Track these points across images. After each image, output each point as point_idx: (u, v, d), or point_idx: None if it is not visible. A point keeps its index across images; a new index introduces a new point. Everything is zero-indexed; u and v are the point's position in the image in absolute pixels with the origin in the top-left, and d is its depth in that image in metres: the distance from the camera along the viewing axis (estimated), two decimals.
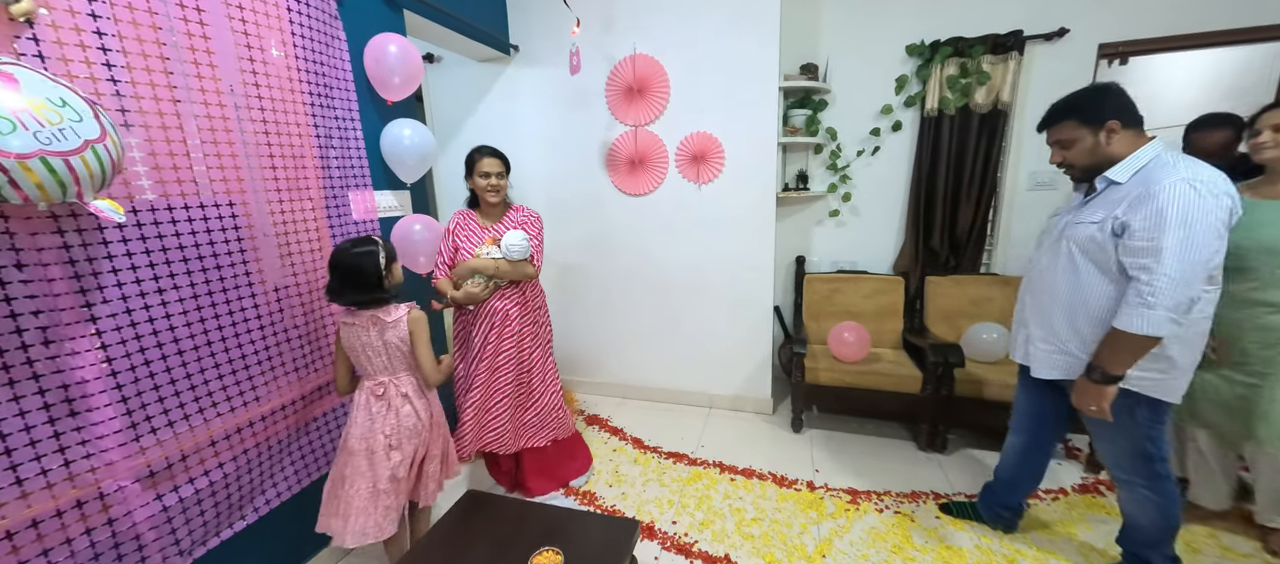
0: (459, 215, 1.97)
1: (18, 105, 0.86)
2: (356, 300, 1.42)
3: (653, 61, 2.57)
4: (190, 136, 1.29)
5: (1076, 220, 1.32)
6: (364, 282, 1.39)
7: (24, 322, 1.00)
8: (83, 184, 0.94)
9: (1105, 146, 1.25)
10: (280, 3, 1.51)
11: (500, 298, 1.92)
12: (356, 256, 1.39)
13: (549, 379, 2.08)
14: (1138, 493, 1.40)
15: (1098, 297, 1.27)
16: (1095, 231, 1.25)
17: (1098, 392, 1.26)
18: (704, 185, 2.65)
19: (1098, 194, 1.30)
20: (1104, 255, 1.24)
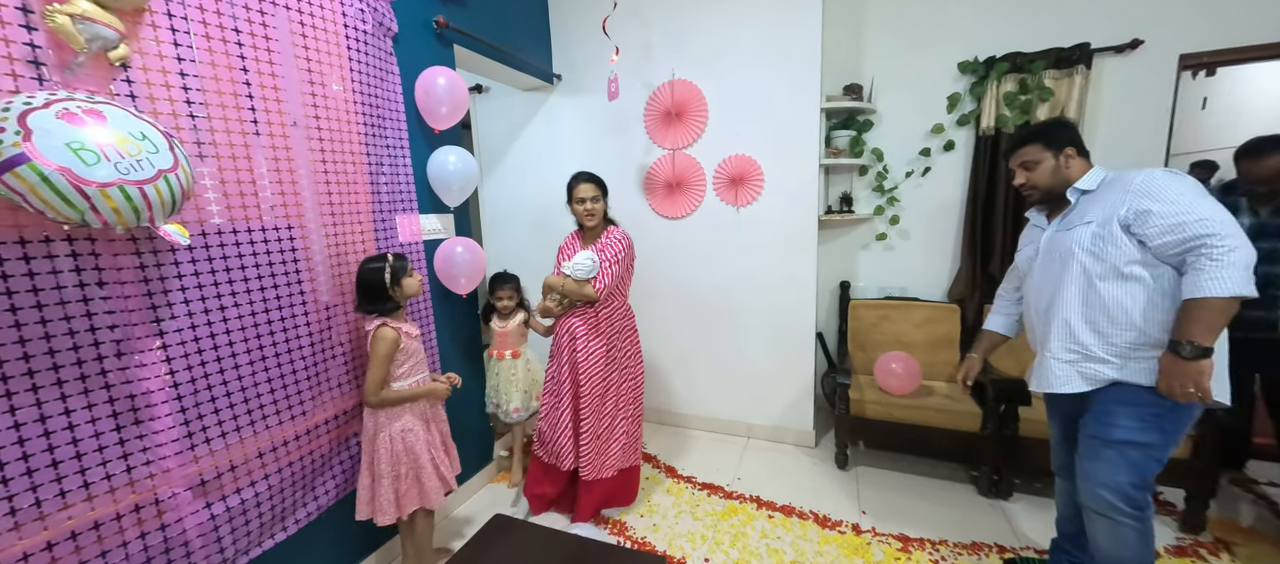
0: (568, 237, 2.12)
1: (104, 139, 0.95)
2: (369, 309, 1.58)
3: (691, 86, 2.59)
4: (257, 166, 1.39)
5: (1063, 231, 1.37)
6: (372, 292, 1.57)
7: (101, 335, 1.08)
8: (154, 209, 1.02)
9: (1064, 169, 1.37)
10: (342, 42, 1.62)
11: (572, 316, 2.02)
12: (367, 271, 1.57)
13: (621, 406, 2.08)
14: (1122, 527, 1.29)
15: (1114, 295, 1.26)
16: (1096, 228, 1.27)
17: (1195, 369, 1.14)
18: (742, 208, 2.60)
19: (1073, 206, 1.37)
20: (1114, 250, 1.24)
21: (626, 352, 2.08)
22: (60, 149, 0.90)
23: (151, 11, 1.17)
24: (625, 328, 2.08)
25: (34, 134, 0.88)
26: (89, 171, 0.92)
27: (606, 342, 2.01)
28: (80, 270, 1.06)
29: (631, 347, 2.11)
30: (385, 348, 1.55)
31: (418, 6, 1.95)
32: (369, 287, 1.57)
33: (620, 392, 2.08)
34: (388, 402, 1.59)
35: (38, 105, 0.91)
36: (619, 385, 2.07)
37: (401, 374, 1.62)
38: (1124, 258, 1.23)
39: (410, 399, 1.63)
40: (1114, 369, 1.27)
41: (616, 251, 1.97)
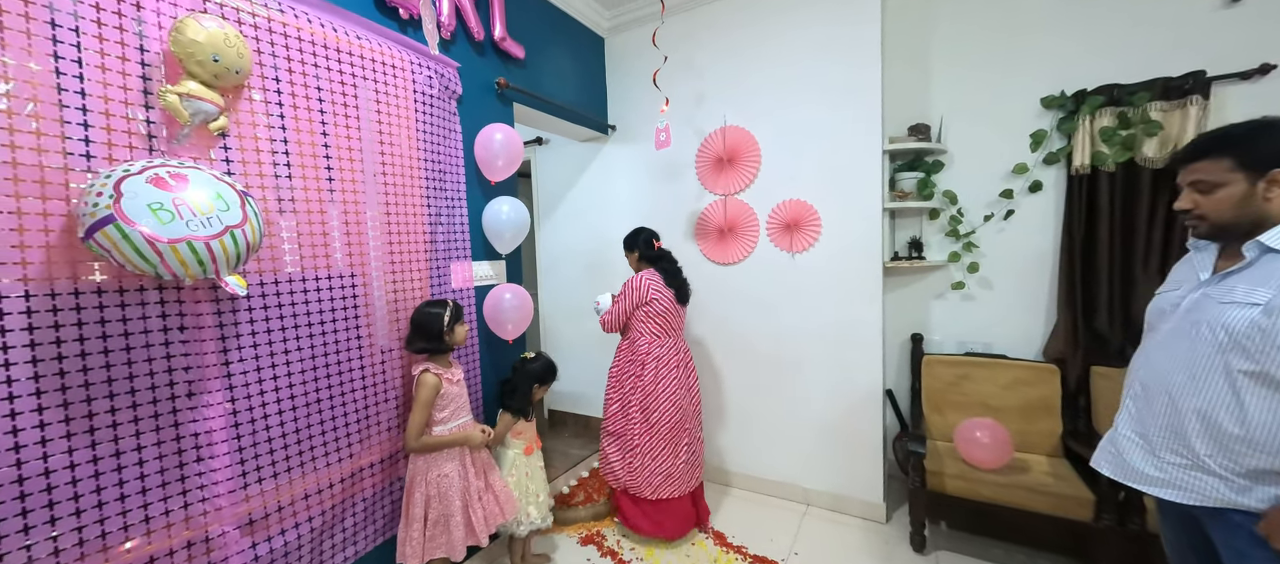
0: None
1: (182, 199, 1.06)
2: (420, 348, 1.65)
3: (743, 132, 2.55)
4: (330, 220, 1.51)
5: (1219, 298, 0.99)
6: (427, 332, 1.65)
7: (177, 376, 1.18)
8: (219, 263, 1.11)
9: (1262, 201, 0.96)
10: (411, 106, 1.76)
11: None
12: (426, 313, 1.66)
13: (654, 435, 2.17)
14: None
15: (1262, 409, 0.92)
16: (1259, 316, 0.91)
17: None
18: (798, 254, 2.47)
19: (1246, 264, 0.97)
20: (1271, 349, 0.90)
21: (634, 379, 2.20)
22: (143, 210, 1.00)
23: (249, 87, 1.32)
24: (632, 359, 2.20)
25: (123, 197, 0.99)
26: (163, 229, 1.02)
27: (622, 371, 2.23)
28: (165, 316, 1.17)
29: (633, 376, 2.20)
30: (427, 394, 1.59)
31: (482, 69, 2.09)
32: (426, 328, 1.65)
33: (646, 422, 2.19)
34: (426, 447, 1.61)
35: (134, 172, 1.03)
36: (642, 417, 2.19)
37: (443, 419, 1.64)
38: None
39: (447, 445, 1.64)
40: (1231, 490, 0.97)
41: (624, 290, 2.22)
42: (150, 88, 1.15)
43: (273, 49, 1.37)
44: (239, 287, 1.16)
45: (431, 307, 1.68)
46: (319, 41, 1.47)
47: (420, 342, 1.65)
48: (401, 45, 1.72)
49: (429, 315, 1.66)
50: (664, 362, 2.15)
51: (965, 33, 2.41)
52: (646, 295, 2.13)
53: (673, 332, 2.20)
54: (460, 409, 1.70)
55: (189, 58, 1.15)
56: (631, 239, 2.30)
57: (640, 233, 2.29)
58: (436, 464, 1.62)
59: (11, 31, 0.97)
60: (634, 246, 2.28)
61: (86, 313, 1.05)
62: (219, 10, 1.27)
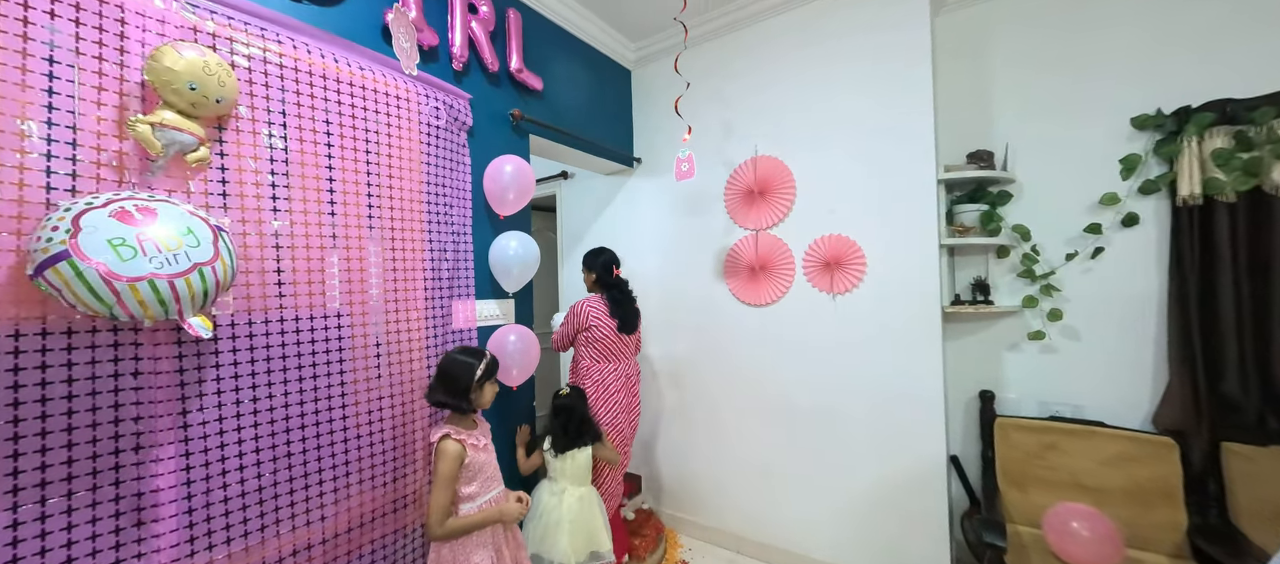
0: None
1: (148, 234, 0.96)
2: (440, 401, 1.46)
3: (775, 162, 2.35)
4: (314, 255, 1.41)
5: None
6: (453, 386, 1.45)
7: (124, 427, 1.07)
8: (184, 302, 1.00)
9: None
10: (418, 136, 1.68)
11: None
12: (456, 362, 1.47)
13: None
14: None
15: None
16: None
17: None
18: (839, 296, 2.19)
19: None
20: None
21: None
22: (102, 245, 0.91)
23: (238, 116, 1.26)
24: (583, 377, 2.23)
25: (82, 232, 0.91)
26: (123, 266, 0.92)
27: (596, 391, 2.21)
28: (118, 360, 1.07)
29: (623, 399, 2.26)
30: (449, 466, 1.36)
31: (497, 100, 2.02)
32: (453, 380, 1.44)
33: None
34: (452, 533, 1.36)
35: (98, 205, 0.95)
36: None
37: (471, 494, 1.42)
38: None
39: (479, 526, 1.40)
40: None
41: (567, 315, 2.30)
42: (124, 116, 1.08)
43: (267, 79, 1.31)
44: (204, 328, 1.05)
45: (464, 354, 1.48)
46: (317, 72, 1.41)
47: (442, 395, 1.44)
48: (409, 76, 1.66)
49: (459, 364, 1.45)
50: (605, 384, 2.20)
51: (1033, 46, 2.13)
52: (586, 321, 2.20)
53: (615, 356, 2.23)
54: (491, 479, 1.47)
55: (165, 86, 1.09)
56: (591, 259, 2.30)
57: (601, 254, 2.29)
58: (464, 553, 1.38)
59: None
60: (593, 268, 2.29)
61: (25, 357, 0.95)
62: (211, 41, 1.22)
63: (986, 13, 2.21)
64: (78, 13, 1.04)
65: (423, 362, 1.66)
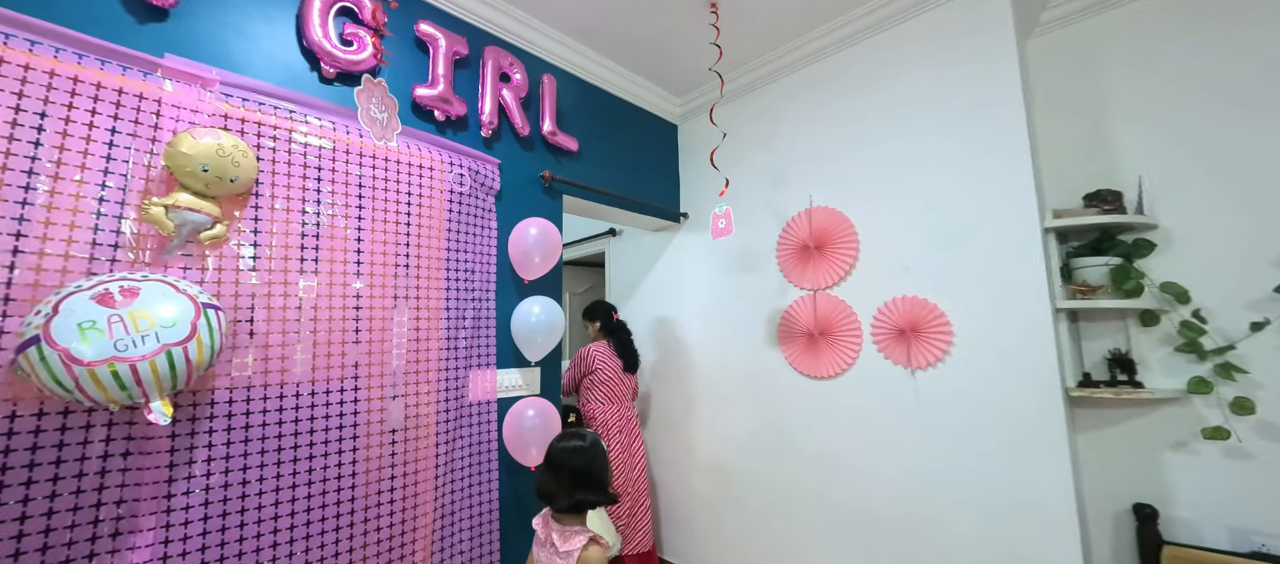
0: None
1: (119, 315, 0.96)
2: (588, 503, 1.21)
3: (833, 213, 2.06)
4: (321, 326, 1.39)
5: None
6: (595, 482, 1.20)
7: (105, 511, 1.04)
8: (147, 386, 0.97)
9: None
10: (443, 203, 1.67)
11: None
12: (583, 454, 1.22)
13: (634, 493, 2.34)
14: None
15: None
16: None
17: None
18: (919, 371, 1.79)
19: None
20: None
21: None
22: (71, 330, 0.91)
23: (257, 193, 1.30)
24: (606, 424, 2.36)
25: (58, 316, 0.91)
26: (86, 350, 0.91)
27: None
28: (110, 439, 1.06)
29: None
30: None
31: (528, 163, 1.99)
32: (591, 477, 1.20)
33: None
34: None
35: (86, 287, 0.97)
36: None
37: None
38: None
39: None
40: None
41: (572, 361, 2.47)
42: (128, 200, 1.13)
43: (290, 156, 1.36)
44: (163, 415, 1.01)
45: (576, 442, 1.25)
46: (340, 146, 1.44)
47: (588, 493, 1.19)
48: (435, 145, 1.67)
49: (586, 456, 1.21)
50: (609, 425, 2.35)
51: (1175, 58, 1.70)
52: (593, 365, 2.39)
53: (618, 399, 2.41)
54: None
55: (179, 169, 1.13)
56: (592, 311, 2.57)
57: (600, 305, 2.58)
58: None
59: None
60: (596, 317, 2.55)
61: (18, 438, 0.96)
62: (240, 125, 1.28)
63: (1096, 28, 1.83)
64: (117, 109, 1.13)
65: (430, 438, 1.56)
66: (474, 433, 1.70)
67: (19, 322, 0.98)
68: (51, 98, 1.05)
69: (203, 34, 1.28)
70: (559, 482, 1.21)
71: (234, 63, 1.32)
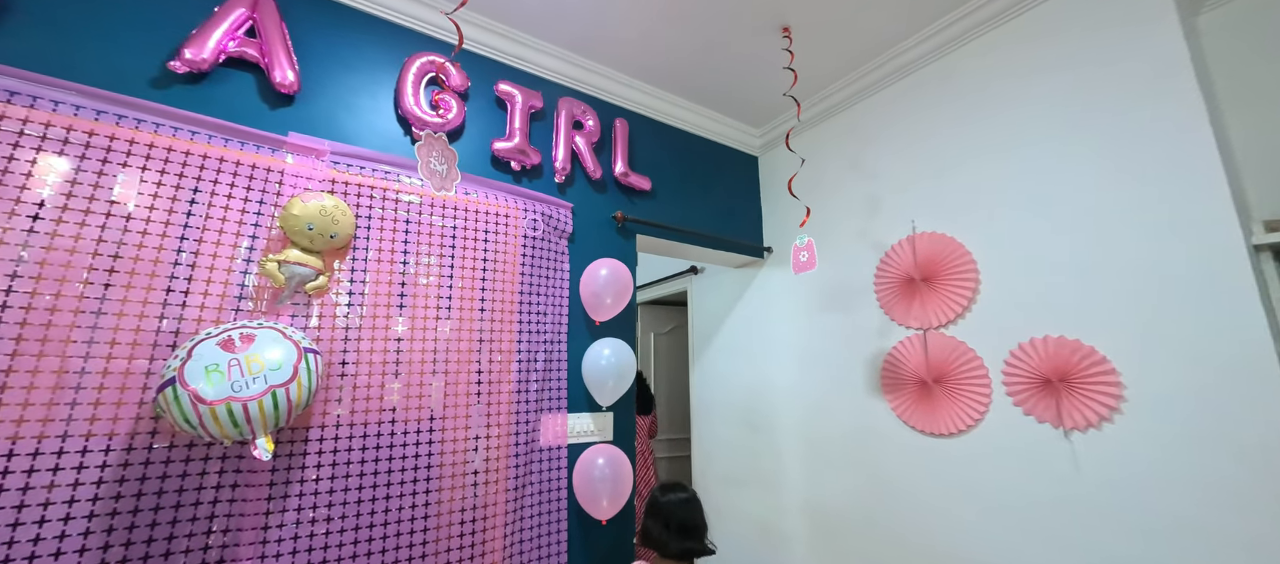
0: None
1: (237, 359, 1.07)
2: (704, 552, 1.44)
3: (943, 240, 1.77)
4: (431, 373, 1.48)
5: None
6: (695, 531, 1.43)
7: (214, 538, 1.15)
8: (254, 424, 1.07)
9: None
10: (517, 249, 1.72)
11: None
12: (682, 504, 1.46)
13: None
14: None
15: None
16: None
17: None
18: (1077, 433, 1.41)
19: None
20: None
21: None
22: (199, 372, 1.04)
23: (354, 247, 1.43)
24: None
25: (191, 360, 1.05)
26: (209, 390, 1.03)
27: None
28: (222, 472, 1.18)
29: None
30: None
31: (601, 205, 2.00)
32: (697, 529, 1.43)
33: None
34: None
35: (214, 335, 1.11)
36: None
37: None
38: None
39: None
40: None
41: None
42: (253, 256, 1.29)
43: (383, 212, 1.49)
44: (266, 450, 1.10)
45: (681, 491, 1.48)
46: (427, 200, 1.56)
47: (693, 542, 1.41)
48: (510, 194, 1.75)
49: (686, 507, 1.44)
50: None
51: None
52: None
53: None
54: None
55: (290, 229, 1.29)
56: None
57: None
58: None
59: (140, 208, 1.20)
60: None
61: (153, 467, 1.11)
62: (344, 187, 1.44)
63: None
64: (249, 181, 1.32)
65: (501, 482, 1.55)
66: (544, 479, 1.66)
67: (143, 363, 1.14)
68: (203, 175, 1.27)
69: (318, 112, 1.48)
70: (669, 531, 1.41)
71: (342, 134, 1.50)
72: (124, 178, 1.18)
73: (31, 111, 1.10)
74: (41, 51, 1.15)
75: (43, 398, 1.03)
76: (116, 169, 1.17)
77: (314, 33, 1.51)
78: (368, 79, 1.58)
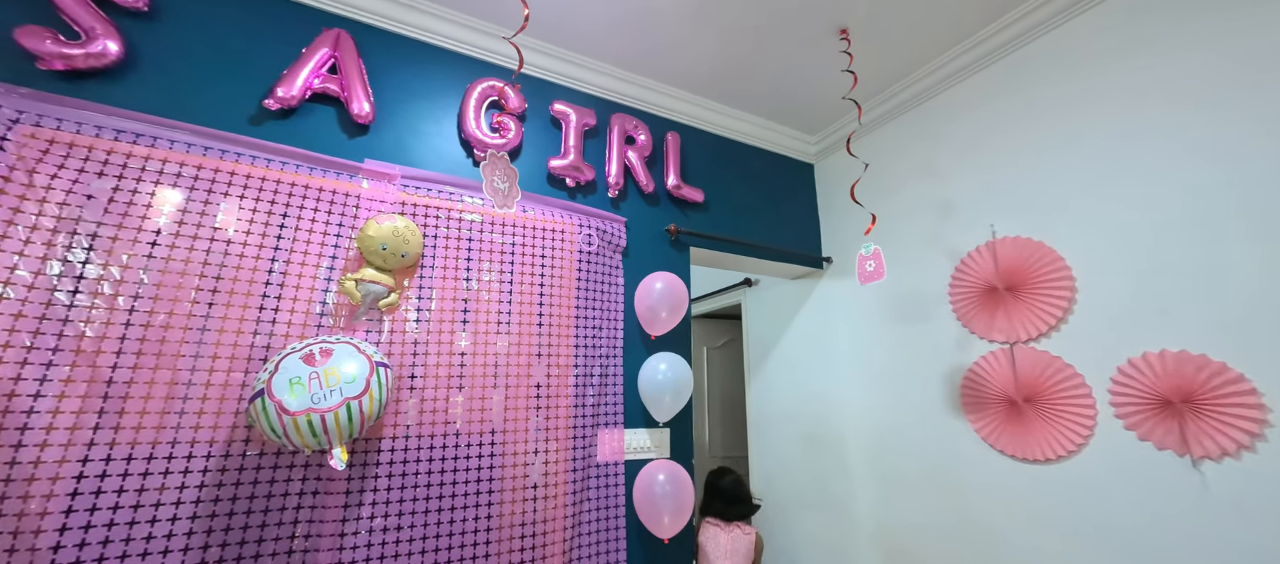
0: None
1: (316, 373, 1.14)
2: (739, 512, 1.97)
3: (1029, 244, 1.62)
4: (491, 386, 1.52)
5: None
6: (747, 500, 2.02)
7: (296, 543, 1.21)
8: (331, 434, 1.12)
9: None
10: (573, 264, 1.74)
11: None
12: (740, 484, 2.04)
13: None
14: None
15: None
16: None
17: None
18: (1208, 461, 1.22)
19: None
20: None
21: None
22: (284, 385, 1.11)
23: (423, 266, 1.50)
24: None
25: (278, 373, 1.13)
26: (292, 401, 1.09)
27: None
28: (305, 480, 1.25)
29: None
30: None
31: (653, 219, 2.00)
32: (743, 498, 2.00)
33: None
34: None
35: (298, 349, 1.19)
36: None
37: None
38: None
39: None
40: None
41: None
42: (334, 275, 1.38)
43: (448, 231, 1.55)
44: (340, 460, 1.15)
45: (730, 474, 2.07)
46: (488, 219, 1.62)
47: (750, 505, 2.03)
48: (566, 210, 1.78)
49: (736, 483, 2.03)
50: None
51: None
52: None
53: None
54: None
55: (365, 249, 1.36)
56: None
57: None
58: None
59: (238, 235, 1.31)
60: None
61: (245, 472, 1.19)
62: (413, 209, 1.52)
63: None
64: (330, 206, 1.42)
65: (561, 496, 1.55)
66: (602, 495, 1.64)
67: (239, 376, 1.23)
68: (291, 201, 1.37)
69: (389, 139, 1.57)
70: (726, 503, 1.97)
71: (410, 158, 1.59)
72: (225, 206, 1.30)
73: (152, 150, 1.24)
74: (160, 97, 1.30)
75: (158, 406, 1.13)
76: (219, 198, 1.29)
77: (386, 65, 1.61)
78: (433, 106, 1.67)
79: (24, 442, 1.01)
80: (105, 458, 1.07)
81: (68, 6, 1.22)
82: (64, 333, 1.09)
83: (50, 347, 1.07)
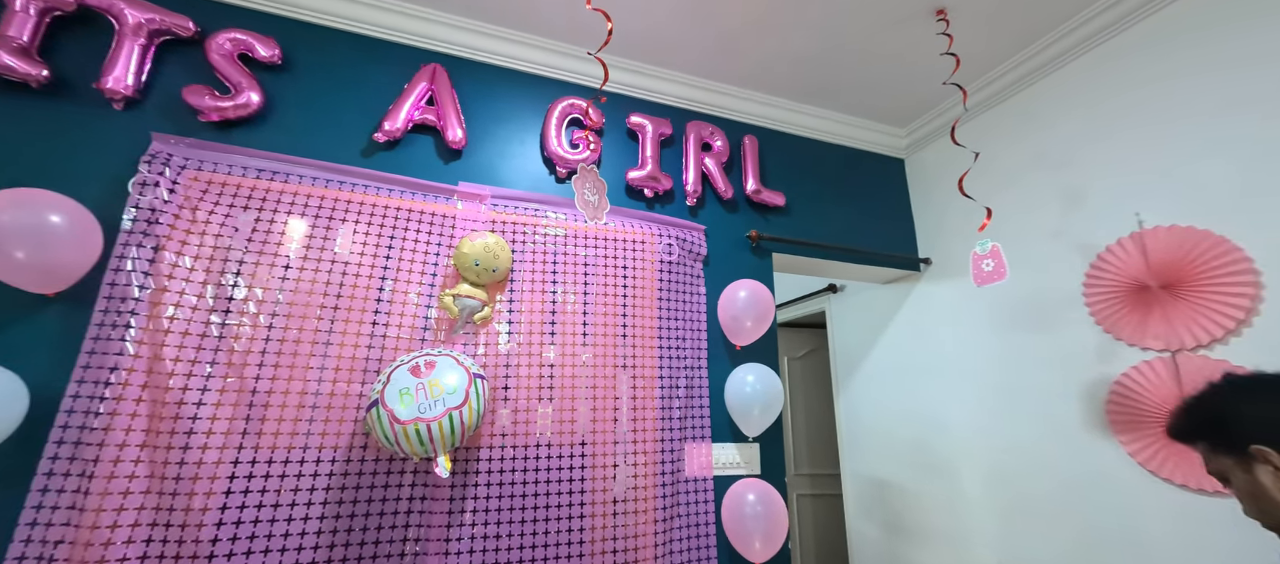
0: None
1: (422, 384, 1.20)
2: None
3: (1191, 233, 1.37)
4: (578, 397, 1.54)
5: None
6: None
7: (408, 547, 1.28)
8: (436, 443, 1.18)
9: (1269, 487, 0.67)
10: (654, 274, 1.73)
11: None
12: None
13: None
14: None
15: None
16: None
17: None
18: None
19: None
20: None
21: None
22: (395, 395, 1.18)
23: (512, 280, 1.55)
24: None
25: (390, 384, 1.20)
26: (402, 411, 1.16)
27: None
28: (414, 486, 1.32)
29: None
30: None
31: (733, 225, 1.94)
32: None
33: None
34: None
35: (406, 362, 1.26)
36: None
37: None
38: None
39: None
40: None
41: None
42: (434, 292, 1.46)
43: (534, 246, 1.60)
44: (444, 468, 1.20)
45: None
46: (571, 233, 1.65)
47: None
48: (645, 220, 1.77)
49: None
50: None
51: None
52: None
53: None
54: None
55: (461, 266, 1.43)
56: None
57: None
58: None
59: (361, 266, 1.42)
60: None
61: (363, 477, 1.28)
62: (502, 227, 1.59)
63: None
64: (430, 227, 1.52)
65: (650, 511, 1.51)
66: (691, 511, 1.59)
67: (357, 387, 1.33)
68: (397, 225, 1.48)
69: (480, 162, 1.65)
70: None
71: (499, 178, 1.66)
72: (343, 232, 1.42)
73: (285, 184, 1.39)
74: (290, 138, 1.46)
75: (292, 415, 1.25)
76: (338, 225, 1.42)
77: (475, 93, 1.71)
78: (518, 127, 1.74)
79: (190, 444, 1.16)
80: (251, 460, 1.20)
81: (221, 65, 1.41)
82: (219, 349, 1.24)
83: (209, 361, 1.22)
